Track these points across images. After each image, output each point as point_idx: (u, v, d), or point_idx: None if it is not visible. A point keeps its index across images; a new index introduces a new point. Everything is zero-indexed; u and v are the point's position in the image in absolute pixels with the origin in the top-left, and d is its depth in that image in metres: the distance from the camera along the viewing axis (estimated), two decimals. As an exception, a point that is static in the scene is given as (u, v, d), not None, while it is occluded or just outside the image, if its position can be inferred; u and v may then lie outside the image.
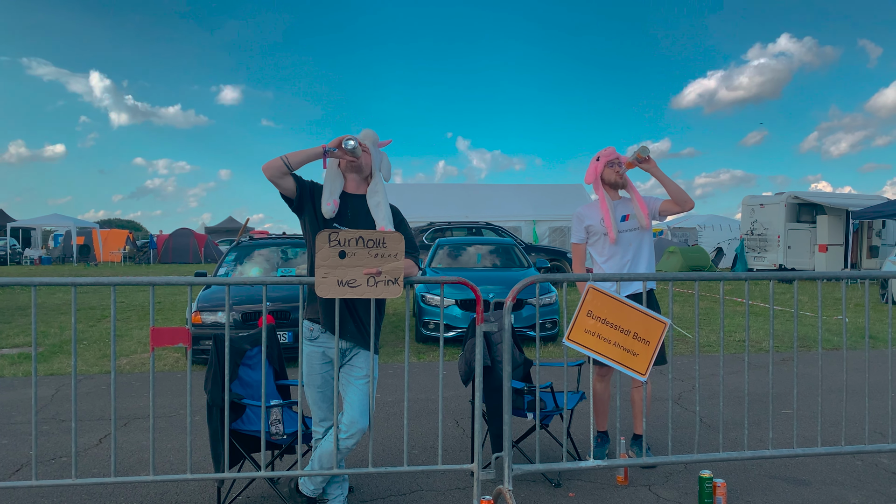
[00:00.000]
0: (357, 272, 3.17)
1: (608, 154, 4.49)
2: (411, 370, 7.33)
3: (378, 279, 3.19)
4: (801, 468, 4.31)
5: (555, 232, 24.09)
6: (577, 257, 4.63)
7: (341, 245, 3.15)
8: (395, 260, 3.20)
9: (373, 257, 3.18)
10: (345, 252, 3.15)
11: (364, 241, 3.17)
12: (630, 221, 4.46)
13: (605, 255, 4.49)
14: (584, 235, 4.57)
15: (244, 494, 3.90)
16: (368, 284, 3.18)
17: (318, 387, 3.45)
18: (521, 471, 3.44)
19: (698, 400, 3.80)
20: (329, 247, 3.14)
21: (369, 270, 3.17)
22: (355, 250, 3.16)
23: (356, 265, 3.17)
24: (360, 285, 3.18)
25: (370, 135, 3.43)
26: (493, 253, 11.07)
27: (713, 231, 33.01)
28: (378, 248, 3.18)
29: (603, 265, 4.51)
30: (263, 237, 9.86)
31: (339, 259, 3.16)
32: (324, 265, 3.15)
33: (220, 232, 50.55)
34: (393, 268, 3.20)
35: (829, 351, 8.59)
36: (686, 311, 12.55)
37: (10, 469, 4.35)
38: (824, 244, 20.11)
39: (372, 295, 3.19)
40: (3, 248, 34.29)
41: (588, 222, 4.53)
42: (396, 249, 3.20)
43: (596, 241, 4.54)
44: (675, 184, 4.33)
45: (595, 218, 4.51)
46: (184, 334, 3.24)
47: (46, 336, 10.00)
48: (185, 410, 5.79)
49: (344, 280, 3.16)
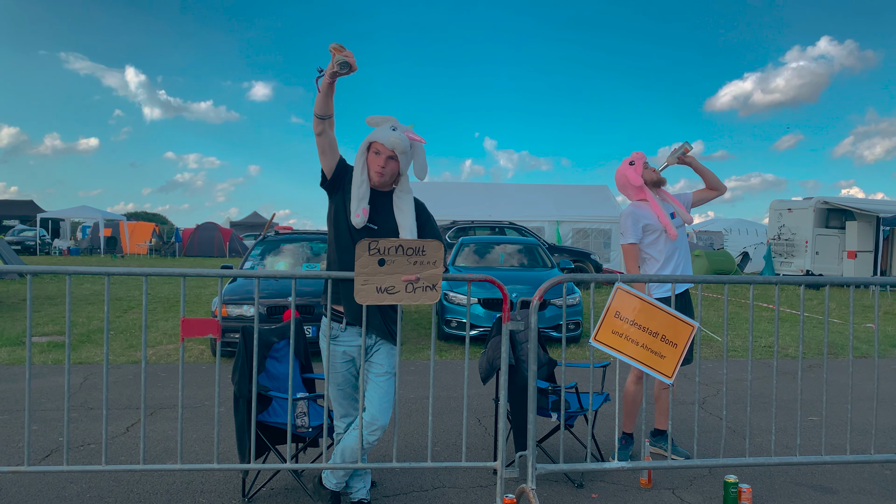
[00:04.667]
0: (396, 279, 3.19)
1: (641, 157, 4.55)
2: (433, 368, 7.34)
3: (416, 285, 3.21)
4: (828, 476, 4.25)
5: (578, 233, 23.94)
6: (632, 257, 4.50)
7: (381, 253, 3.17)
8: (433, 267, 3.21)
9: (412, 265, 3.20)
10: (384, 260, 3.17)
11: (404, 250, 3.18)
12: (677, 219, 4.56)
13: (665, 253, 4.46)
14: (640, 234, 4.48)
15: (268, 486, 3.93)
16: (407, 291, 3.21)
17: (338, 385, 3.46)
18: (544, 470, 3.43)
19: (725, 404, 3.76)
20: (369, 255, 3.16)
21: (408, 277, 3.19)
22: (395, 258, 3.18)
23: (395, 272, 3.19)
24: (398, 291, 3.20)
25: (398, 143, 3.24)
26: (516, 252, 11.04)
27: (739, 235, 32.63)
28: (417, 255, 3.20)
29: (664, 263, 4.47)
30: (288, 232, 9.91)
31: (378, 266, 3.17)
32: (363, 272, 3.17)
33: (244, 226, 51.07)
34: (431, 274, 3.21)
35: (859, 359, 8.46)
36: (711, 314, 12.42)
37: (40, 454, 4.44)
38: (853, 250, 19.76)
39: (410, 301, 3.21)
40: (32, 239, 34.94)
41: (646, 221, 4.47)
42: (435, 257, 3.21)
43: (654, 241, 4.48)
44: (710, 171, 4.63)
45: (651, 216, 4.47)
46: (213, 325, 3.27)
47: (75, 325, 10.17)
48: (210, 402, 5.86)
49: (383, 287, 3.19)
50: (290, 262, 9.11)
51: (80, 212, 38.46)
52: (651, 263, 4.53)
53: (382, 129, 3.29)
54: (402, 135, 3.27)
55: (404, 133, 3.28)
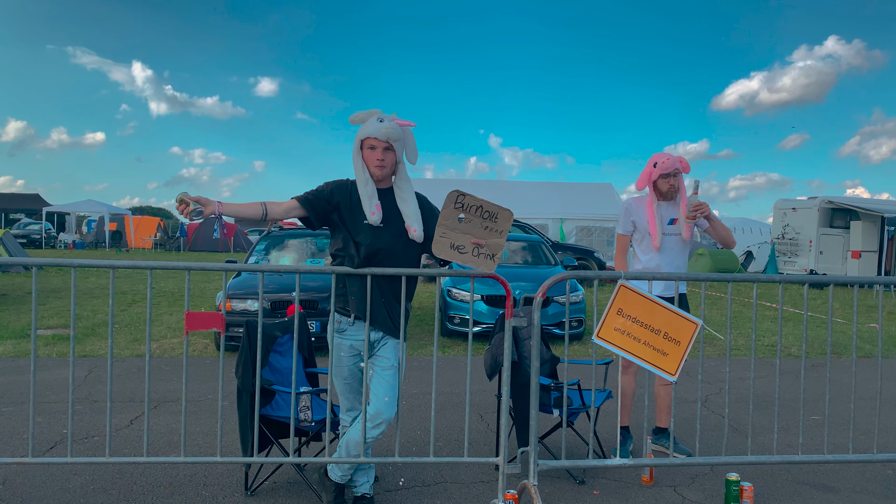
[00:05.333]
0: (467, 239, 3.24)
1: (664, 166, 4.32)
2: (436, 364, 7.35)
3: (481, 251, 3.25)
4: (830, 475, 4.25)
5: (582, 231, 23.92)
6: (620, 248, 4.61)
7: (464, 209, 3.22)
8: (499, 236, 3.25)
9: (483, 228, 3.24)
10: (462, 217, 3.22)
11: (482, 211, 3.23)
12: (676, 226, 4.44)
13: (646, 255, 4.49)
14: (630, 228, 4.53)
15: (271, 479, 3.95)
16: (473, 254, 3.25)
17: (344, 378, 3.48)
18: (546, 466, 3.44)
19: (727, 403, 3.76)
20: (454, 207, 3.21)
21: (476, 241, 3.23)
22: (472, 217, 3.23)
23: (468, 232, 3.24)
24: (466, 253, 3.25)
25: (391, 132, 3.22)
26: (520, 249, 11.04)
27: (743, 234, 32.51)
28: (490, 221, 3.25)
29: (643, 261, 4.50)
30: (292, 228, 9.94)
31: (457, 222, 3.23)
32: (444, 224, 3.22)
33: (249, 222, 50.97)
34: (496, 243, 3.26)
35: (862, 358, 8.44)
36: (714, 313, 12.41)
37: (44, 446, 4.46)
38: (857, 250, 19.70)
39: (473, 264, 3.25)
40: (38, 232, 35.06)
41: (635, 217, 4.49)
42: (504, 227, 3.25)
43: (640, 240, 4.52)
44: (723, 226, 4.39)
45: (642, 216, 4.46)
46: (217, 319, 3.29)
47: (79, 319, 10.21)
48: (213, 395, 5.88)
49: (455, 244, 3.24)
50: (294, 257, 9.13)
51: (86, 206, 38.59)
52: (634, 261, 4.61)
53: (370, 123, 3.27)
54: (392, 123, 3.26)
55: (392, 121, 3.27)
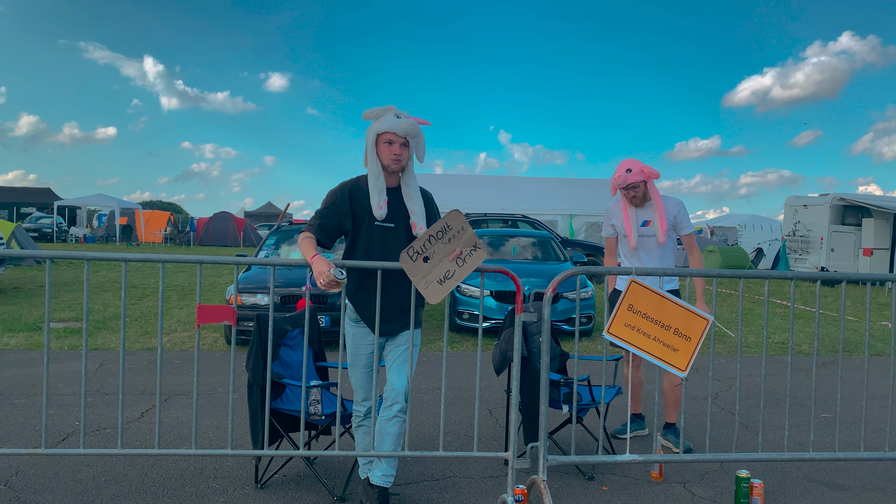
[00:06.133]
0: (445, 264, 3.24)
1: (615, 182, 4.46)
2: (445, 359, 7.36)
3: (464, 256, 3.26)
4: (841, 473, 4.23)
5: (591, 227, 23.84)
6: (607, 250, 4.86)
7: (420, 254, 3.22)
8: (464, 233, 3.25)
9: (448, 242, 3.24)
10: (427, 257, 3.22)
11: (434, 238, 3.23)
12: (651, 227, 4.57)
13: (628, 255, 4.68)
14: (612, 231, 4.76)
15: (281, 472, 3.97)
16: (459, 266, 3.26)
17: (362, 367, 3.46)
18: (555, 461, 3.44)
19: (738, 399, 3.75)
20: (413, 262, 3.22)
21: (453, 255, 3.23)
22: (433, 248, 3.23)
23: (440, 260, 3.24)
24: (454, 272, 3.25)
25: (410, 128, 3.27)
26: (529, 245, 11.02)
27: (753, 231, 32.36)
28: (446, 233, 3.24)
29: (625, 263, 4.71)
30: (302, 223, 9.96)
31: (424, 265, 3.23)
32: (418, 277, 3.23)
33: (259, 217, 51.26)
34: (467, 239, 3.25)
35: (874, 356, 8.39)
36: (725, 310, 12.36)
37: (57, 438, 4.50)
38: (869, 248, 19.56)
39: (469, 270, 3.26)
40: (50, 226, 35.30)
41: (614, 220, 4.71)
42: (459, 225, 3.25)
43: (621, 241, 4.73)
44: None
45: (619, 219, 4.66)
46: (229, 312, 3.30)
47: (91, 312, 10.27)
48: (224, 389, 5.91)
49: (441, 277, 3.24)
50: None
51: (97, 200, 38.82)
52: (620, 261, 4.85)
53: (388, 118, 3.30)
54: (410, 120, 3.30)
55: (408, 118, 3.32)
